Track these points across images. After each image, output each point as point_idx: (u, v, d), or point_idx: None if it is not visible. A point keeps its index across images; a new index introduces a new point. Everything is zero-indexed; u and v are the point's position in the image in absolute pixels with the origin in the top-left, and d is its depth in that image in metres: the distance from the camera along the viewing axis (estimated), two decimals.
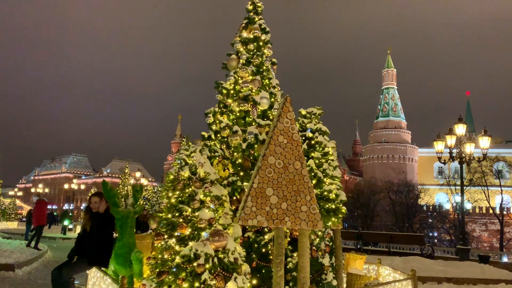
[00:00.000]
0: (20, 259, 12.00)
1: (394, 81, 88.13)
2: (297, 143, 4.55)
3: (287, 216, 4.39)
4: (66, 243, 23.05)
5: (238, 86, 6.74)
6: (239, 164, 6.16)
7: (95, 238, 5.54)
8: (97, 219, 5.64)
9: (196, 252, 4.48)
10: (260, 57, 6.83)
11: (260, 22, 7.05)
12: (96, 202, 5.59)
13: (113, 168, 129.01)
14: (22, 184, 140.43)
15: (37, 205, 15.91)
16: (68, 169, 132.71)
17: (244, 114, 6.58)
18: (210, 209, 4.78)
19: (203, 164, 4.97)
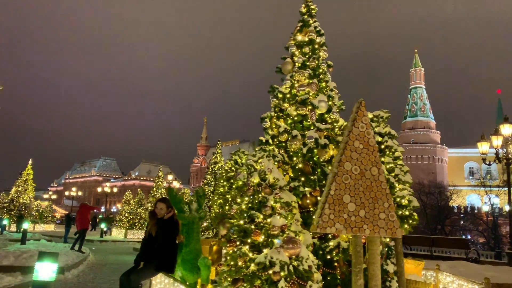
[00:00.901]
0: (68, 262, 12.25)
1: (422, 80, 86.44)
2: (373, 148, 4.44)
3: (366, 224, 4.29)
4: (104, 245, 23.51)
5: (294, 90, 6.67)
6: (299, 169, 6.08)
7: (160, 243, 5.56)
8: (161, 224, 5.65)
9: (271, 259, 4.42)
10: (316, 60, 6.74)
11: (315, 25, 6.96)
12: (162, 209, 5.61)
13: (141, 171, 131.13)
14: (53, 187, 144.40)
15: (80, 209, 16.23)
16: (97, 172, 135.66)
17: (301, 118, 6.50)
18: (281, 215, 4.72)
19: (271, 170, 4.92)
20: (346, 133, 4.47)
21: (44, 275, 4.60)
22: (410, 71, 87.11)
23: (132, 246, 22.30)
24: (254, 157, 5.11)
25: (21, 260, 11.66)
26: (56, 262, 4.87)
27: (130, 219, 27.66)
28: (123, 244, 24.69)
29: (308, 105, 6.43)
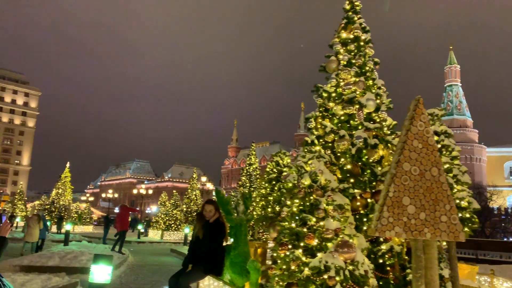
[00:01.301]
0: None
1: (458, 77, 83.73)
2: (433, 147, 4.22)
3: (426, 227, 4.08)
4: (142, 246, 23.89)
5: (340, 88, 6.49)
6: (348, 170, 5.90)
7: (208, 246, 5.51)
8: (209, 227, 5.60)
9: (326, 264, 4.28)
10: (362, 57, 6.54)
11: (360, 21, 6.77)
12: (211, 211, 5.55)
13: (174, 173, 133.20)
14: (90, 189, 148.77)
15: (120, 211, 16.50)
16: (132, 174, 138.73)
17: (348, 117, 6.31)
18: (335, 218, 4.57)
19: (323, 171, 4.77)
20: (404, 132, 4.27)
21: (100, 277, 4.63)
22: (445, 68, 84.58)
23: (169, 247, 22.55)
24: (303, 158, 4.98)
25: (66, 261, 11.96)
26: (111, 264, 4.91)
27: (166, 221, 28.04)
28: (160, 245, 25.02)
29: (355, 104, 6.24)
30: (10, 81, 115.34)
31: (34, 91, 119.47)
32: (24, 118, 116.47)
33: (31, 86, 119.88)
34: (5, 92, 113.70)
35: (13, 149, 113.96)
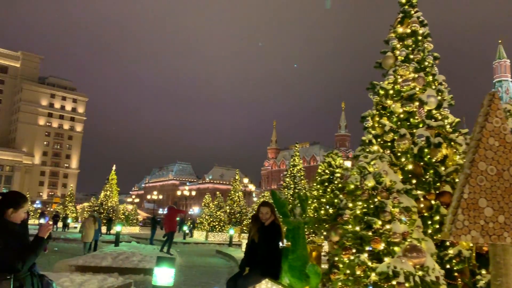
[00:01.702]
0: None
1: (508, 73, 79.67)
2: (510, 145, 3.92)
3: (506, 231, 3.78)
4: (187, 247, 24.23)
5: (398, 85, 6.22)
6: (410, 171, 5.63)
7: (264, 250, 5.41)
8: (264, 230, 5.51)
9: (395, 269, 4.06)
10: (421, 52, 6.24)
11: (417, 15, 6.47)
12: (267, 213, 5.45)
13: (214, 175, 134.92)
14: (134, 191, 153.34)
15: (168, 212, 16.75)
16: (174, 176, 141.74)
17: (407, 115, 6.03)
18: (402, 221, 4.34)
19: (387, 172, 4.55)
20: (478, 129, 3.99)
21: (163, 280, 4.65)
22: (493, 63, 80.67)
23: (214, 249, 22.74)
24: (366, 158, 4.78)
25: (118, 262, 12.25)
26: (174, 267, 4.91)
27: (210, 222, 28.33)
28: (205, 246, 25.30)
29: (415, 101, 5.96)
30: (59, 88, 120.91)
31: (81, 97, 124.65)
32: (72, 123, 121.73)
33: (79, 93, 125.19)
34: (55, 99, 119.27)
35: (62, 153, 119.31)
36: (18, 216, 3.50)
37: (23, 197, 3.61)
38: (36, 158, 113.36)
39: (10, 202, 3.47)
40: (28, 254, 3.38)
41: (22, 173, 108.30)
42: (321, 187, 8.64)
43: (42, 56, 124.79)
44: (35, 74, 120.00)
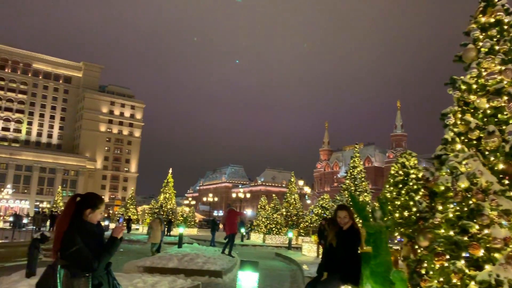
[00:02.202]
0: (224, 266, 12.72)
1: None
2: None
3: None
4: (245, 250, 24.36)
5: (482, 79, 5.79)
6: (501, 171, 5.19)
7: (343, 255, 5.21)
8: (342, 235, 5.31)
9: (498, 278, 3.73)
10: (508, 42, 5.77)
11: (502, 3, 6.00)
12: (346, 217, 5.26)
13: (266, 177, 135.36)
14: (190, 193, 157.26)
15: (228, 214, 16.81)
16: (227, 179, 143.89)
17: (495, 111, 5.59)
18: (502, 226, 3.98)
19: (482, 172, 4.21)
20: None
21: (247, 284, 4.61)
22: None
23: (273, 251, 22.68)
24: (457, 158, 4.46)
25: (184, 263, 12.47)
26: (258, 271, 4.86)
27: (267, 224, 28.32)
28: (263, 249, 25.30)
29: (504, 95, 5.51)
30: (118, 95, 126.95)
31: (139, 104, 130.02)
32: (131, 129, 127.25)
33: (136, 99, 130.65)
34: (114, 106, 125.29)
35: (122, 158, 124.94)
36: (95, 217, 3.61)
37: (99, 199, 3.71)
38: (98, 163, 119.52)
39: (88, 203, 3.58)
40: (103, 254, 3.48)
41: (86, 177, 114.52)
42: (394, 189, 8.24)
43: (102, 66, 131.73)
44: (96, 83, 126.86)
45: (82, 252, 3.34)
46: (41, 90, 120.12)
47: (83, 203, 3.57)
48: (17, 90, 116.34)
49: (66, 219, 3.47)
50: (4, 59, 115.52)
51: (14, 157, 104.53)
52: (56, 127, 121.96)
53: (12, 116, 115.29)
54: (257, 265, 4.96)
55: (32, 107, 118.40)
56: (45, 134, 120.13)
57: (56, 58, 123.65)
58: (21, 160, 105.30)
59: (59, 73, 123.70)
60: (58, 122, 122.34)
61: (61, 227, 3.45)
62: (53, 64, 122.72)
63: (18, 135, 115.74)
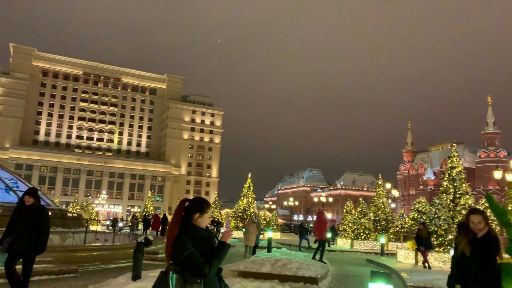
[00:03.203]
0: (318, 272, 12.28)
1: None
2: None
3: None
4: (333, 255, 23.62)
5: None
6: None
7: (479, 265, 4.54)
8: (477, 242, 4.63)
9: None
10: None
11: None
12: (480, 222, 4.59)
13: (346, 181, 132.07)
14: (268, 197, 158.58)
15: (318, 218, 16.32)
16: (305, 183, 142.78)
17: None
18: None
19: None
20: None
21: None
22: None
23: (361, 257, 21.74)
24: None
25: (277, 268, 12.23)
26: (391, 283, 4.42)
27: (355, 229, 27.29)
28: (351, 255, 24.39)
29: None
30: (199, 104, 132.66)
31: (218, 111, 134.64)
32: (211, 135, 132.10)
33: (215, 107, 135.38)
34: (196, 114, 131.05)
35: (204, 164, 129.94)
36: (204, 221, 3.53)
37: (207, 203, 3.63)
38: (182, 169, 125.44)
39: (196, 208, 3.52)
40: (213, 259, 3.37)
41: (172, 182, 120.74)
42: None
43: (183, 77, 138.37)
44: (179, 93, 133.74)
45: (193, 257, 3.27)
46: (130, 102, 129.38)
47: (191, 208, 3.53)
48: (108, 103, 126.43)
49: (177, 224, 3.44)
50: (97, 75, 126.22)
51: (108, 165, 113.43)
52: (144, 136, 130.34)
53: (105, 128, 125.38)
54: (390, 277, 4.49)
55: (122, 118, 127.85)
56: (135, 143, 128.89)
57: (142, 72, 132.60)
58: (114, 168, 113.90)
59: (145, 85, 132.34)
60: (146, 132, 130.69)
61: (172, 232, 3.41)
62: (139, 78, 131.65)
63: (110, 145, 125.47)
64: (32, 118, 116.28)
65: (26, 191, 7.00)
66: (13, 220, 6.86)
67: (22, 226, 6.68)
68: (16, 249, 6.68)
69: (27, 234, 6.67)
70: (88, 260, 13.25)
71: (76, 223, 18.97)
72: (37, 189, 7.40)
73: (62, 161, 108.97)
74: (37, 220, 6.79)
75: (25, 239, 6.66)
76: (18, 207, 6.98)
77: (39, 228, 6.77)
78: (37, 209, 6.88)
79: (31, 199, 6.87)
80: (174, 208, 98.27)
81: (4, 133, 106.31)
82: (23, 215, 6.79)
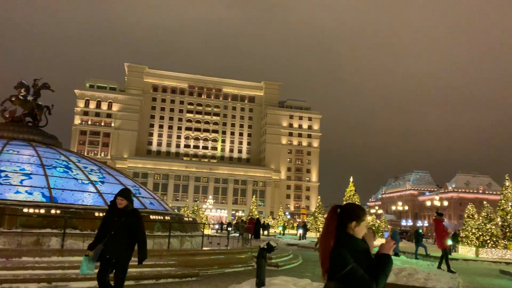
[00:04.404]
0: (450, 284, 11.14)
1: None
2: None
3: None
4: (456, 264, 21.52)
5: None
6: None
7: None
8: None
9: None
10: None
11: None
12: None
13: (458, 183, 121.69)
14: (372, 202, 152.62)
15: (436, 225, 14.97)
16: (412, 186, 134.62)
17: None
18: None
19: None
20: None
21: None
22: None
23: (492, 267, 19.45)
24: None
25: (402, 278, 11.38)
26: None
27: (479, 236, 24.58)
28: (477, 264, 21.98)
29: None
30: (296, 109, 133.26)
31: (315, 115, 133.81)
32: (309, 139, 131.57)
33: (313, 111, 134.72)
34: (293, 119, 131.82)
35: (303, 168, 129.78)
36: (361, 231, 3.09)
37: (362, 209, 3.17)
38: (282, 174, 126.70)
39: (352, 215, 3.09)
40: (379, 274, 2.91)
41: (272, 187, 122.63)
42: None
43: (280, 83, 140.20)
44: (276, 99, 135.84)
45: (357, 273, 2.84)
46: (231, 111, 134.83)
47: (346, 215, 3.10)
48: (212, 113, 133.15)
49: (332, 234, 3.03)
50: (201, 87, 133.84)
51: (213, 172, 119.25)
52: (245, 142, 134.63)
53: (209, 136, 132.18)
54: None
55: (224, 126, 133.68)
56: (236, 149, 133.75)
57: (241, 81, 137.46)
58: (219, 174, 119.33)
59: (244, 94, 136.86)
60: (246, 138, 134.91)
61: (327, 243, 2.99)
62: (238, 87, 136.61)
63: (215, 152, 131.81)
64: (145, 130, 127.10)
65: (119, 192, 6.37)
66: (104, 225, 6.30)
67: (113, 232, 6.11)
68: (108, 258, 6.11)
69: (119, 240, 6.10)
70: (207, 264, 13.64)
71: (192, 227, 19.82)
72: (130, 190, 6.70)
73: (173, 168, 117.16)
74: (130, 225, 6.20)
75: (117, 247, 6.08)
76: (110, 210, 6.40)
77: (132, 234, 6.20)
78: (130, 213, 6.26)
79: (124, 201, 6.24)
80: (276, 212, 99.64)
81: (123, 145, 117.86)
82: (115, 219, 6.20)
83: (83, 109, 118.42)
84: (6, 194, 13.48)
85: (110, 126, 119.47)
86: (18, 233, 11.83)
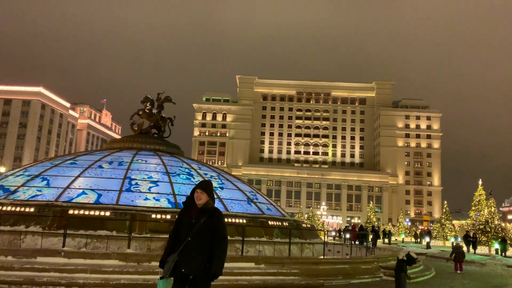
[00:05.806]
0: None
1: None
2: None
3: None
4: None
5: None
6: None
7: None
8: None
9: None
10: None
11: None
12: None
13: None
14: (505, 207, 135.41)
15: None
16: None
17: None
18: None
19: None
20: None
21: None
22: None
23: None
24: None
25: None
26: None
27: None
28: None
29: None
30: (412, 108, 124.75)
31: (434, 114, 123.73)
32: (429, 140, 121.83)
33: (431, 110, 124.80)
34: (409, 120, 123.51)
35: (423, 171, 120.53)
36: None
37: None
38: (399, 178, 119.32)
39: None
40: None
41: (389, 193, 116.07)
42: None
43: (393, 82, 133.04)
44: (389, 99, 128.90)
45: None
46: (340, 114, 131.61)
47: None
48: (321, 118, 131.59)
49: None
50: (309, 93, 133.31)
51: (325, 177, 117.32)
52: (357, 146, 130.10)
53: (319, 142, 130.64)
54: None
55: (334, 131, 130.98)
56: (348, 154, 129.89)
57: (350, 83, 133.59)
58: (331, 180, 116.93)
59: (354, 96, 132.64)
60: (358, 142, 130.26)
61: None
62: (348, 89, 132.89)
63: (326, 157, 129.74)
64: (257, 138, 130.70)
65: (199, 184, 4.96)
66: (177, 229, 4.94)
67: (190, 238, 4.73)
68: (184, 272, 4.71)
69: (196, 249, 4.71)
70: (331, 274, 12.78)
71: (310, 233, 19.12)
72: (211, 183, 5.18)
73: (285, 175, 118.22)
74: (212, 229, 4.78)
75: (194, 258, 4.70)
76: (184, 210, 5.00)
77: (212, 241, 4.76)
78: (211, 213, 4.83)
79: (204, 195, 4.83)
80: (394, 219, 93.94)
81: (237, 154, 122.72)
82: (192, 221, 4.80)
83: (201, 121, 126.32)
84: (136, 201, 14.32)
85: (225, 136, 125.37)
86: (148, 238, 12.34)
